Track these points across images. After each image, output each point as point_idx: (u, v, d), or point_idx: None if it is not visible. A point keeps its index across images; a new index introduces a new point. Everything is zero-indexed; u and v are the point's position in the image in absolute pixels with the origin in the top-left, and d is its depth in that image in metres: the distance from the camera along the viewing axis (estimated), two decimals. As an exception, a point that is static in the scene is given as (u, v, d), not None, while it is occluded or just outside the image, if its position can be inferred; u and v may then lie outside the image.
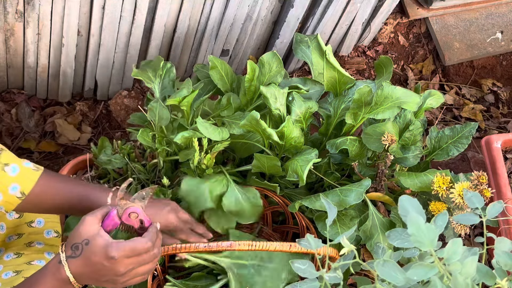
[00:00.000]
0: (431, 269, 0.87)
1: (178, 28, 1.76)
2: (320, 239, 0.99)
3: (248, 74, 1.45)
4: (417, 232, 0.86)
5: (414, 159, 1.47)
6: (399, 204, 0.93)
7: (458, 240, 0.89)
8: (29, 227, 1.42)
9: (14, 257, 1.36)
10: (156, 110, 1.41)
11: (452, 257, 0.88)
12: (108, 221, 1.11)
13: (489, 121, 2.22)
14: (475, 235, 1.94)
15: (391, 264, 0.88)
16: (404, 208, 0.93)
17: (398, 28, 2.28)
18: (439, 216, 0.95)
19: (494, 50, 2.31)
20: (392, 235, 0.96)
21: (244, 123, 1.35)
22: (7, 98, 1.88)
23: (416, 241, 0.86)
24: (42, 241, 1.43)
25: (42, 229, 1.44)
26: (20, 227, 1.42)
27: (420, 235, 0.86)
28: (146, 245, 1.10)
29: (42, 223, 1.44)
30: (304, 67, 2.16)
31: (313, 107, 1.47)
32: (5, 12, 1.56)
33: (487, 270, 0.96)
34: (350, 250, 0.92)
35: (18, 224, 1.42)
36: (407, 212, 0.92)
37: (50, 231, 1.45)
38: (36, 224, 1.43)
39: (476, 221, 1.08)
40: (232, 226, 1.42)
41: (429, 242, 0.86)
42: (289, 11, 1.85)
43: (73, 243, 1.09)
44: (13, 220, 1.41)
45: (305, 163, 1.35)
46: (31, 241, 1.41)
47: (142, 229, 1.14)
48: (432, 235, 0.87)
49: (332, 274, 0.92)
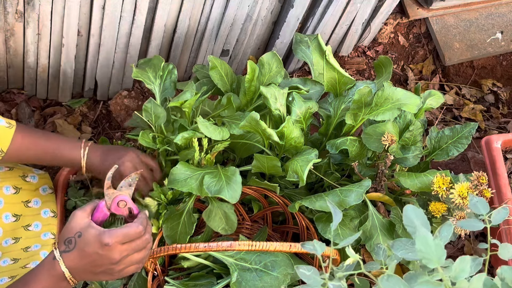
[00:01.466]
0: (438, 287, 0.85)
1: (178, 28, 1.76)
2: (320, 239, 0.99)
3: (248, 74, 1.45)
4: (425, 248, 0.84)
5: (414, 159, 1.47)
6: (404, 214, 0.91)
7: (466, 258, 0.87)
8: (26, 230, 1.42)
9: (11, 263, 1.36)
10: (151, 110, 1.41)
11: (460, 275, 0.86)
12: (98, 213, 1.13)
13: (489, 121, 2.22)
14: (475, 234, 1.94)
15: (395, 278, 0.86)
16: (409, 218, 0.91)
17: (398, 28, 2.28)
18: (444, 227, 0.93)
19: (494, 50, 2.31)
20: (396, 245, 0.94)
21: (243, 123, 1.35)
22: (7, 98, 1.88)
23: (423, 257, 0.84)
24: (39, 243, 1.43)
25: (39, 233, 1.44)
26: (16, 231, 1.41)
27: (428, 252, 0.84)
28: (138, 229, 1.12)
29: (39, 226, 1.44)
30: (304, 67, 2.16)
31: (313, 107, 1.47)
32: (5, 12, 1.56)
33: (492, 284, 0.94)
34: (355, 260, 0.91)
35: (15, 227, 1.41)
36: (412, 223, 0.89)
37: (47, 234, 1.45)
38: (33, 228, 1.43)
39: (480, 227, 1.05)
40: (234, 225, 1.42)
41: (437, 260, 0.84)
42: (289, 11, 1.85)
43: (66, 238, 1.11)
44: (9, 224, 1.40)
45: (305, 163, 1.35)
46: (28, 245, 1.41)
47: (131, 217, 1.17)
48: (440, 252, 0.84)
49: (337, 283, 0.91)
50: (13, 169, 1.45)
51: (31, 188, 1.47)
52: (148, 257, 1.24)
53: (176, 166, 1.33)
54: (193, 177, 1.33)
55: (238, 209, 1.60)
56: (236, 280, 1.28)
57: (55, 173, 1.73)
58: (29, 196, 1.46)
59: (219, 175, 1.33)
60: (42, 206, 1.47)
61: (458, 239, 1.89)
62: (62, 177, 1.60)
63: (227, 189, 1.30)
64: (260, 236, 1.56)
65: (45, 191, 1.51)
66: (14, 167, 1.46)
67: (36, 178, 1.50)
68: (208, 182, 1.31)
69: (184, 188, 1.31)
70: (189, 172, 1.34)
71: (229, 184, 1.31)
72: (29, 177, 1.48)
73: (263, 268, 1.30)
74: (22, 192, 1.44)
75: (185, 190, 1.31)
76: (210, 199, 1.41)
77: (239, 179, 1.32)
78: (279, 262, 1.31)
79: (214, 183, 1.31)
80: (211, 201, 1.41)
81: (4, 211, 1.39)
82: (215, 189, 1.31)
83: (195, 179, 1.33)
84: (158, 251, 1.23)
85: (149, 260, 1.29)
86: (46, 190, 1.51)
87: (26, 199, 1.44)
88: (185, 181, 1.32)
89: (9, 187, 1.41)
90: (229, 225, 1.41)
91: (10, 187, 1.41)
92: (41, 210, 1.47)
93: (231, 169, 1.35)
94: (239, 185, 1.31)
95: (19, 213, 1.42)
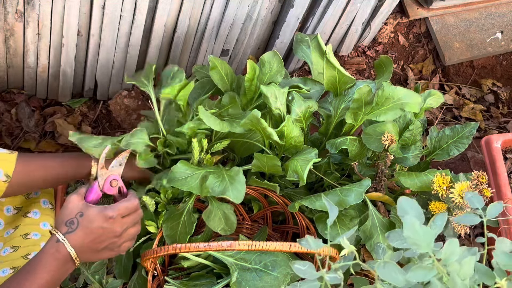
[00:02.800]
0: (430, 271, 0.87)
1: (178, 28, 1.76)
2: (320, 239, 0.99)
3: (248, 73, 1.45)
4: (413, 234, 0.86)
5: (414, 159, 1.47)
6: (397, 205, 0.93)
7: (455, 241, 0.89)
8: (24, 217, 1.42)
9: (11, 251, 1.36)
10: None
11: (449, 258, 0.88)
12: (91, 194, 1.21)
13: (489, 121, 2.22)
14: (475, 234, 1.94)
15: (392, 265, 0.88)
16: (402, 209, 0.92)
17: (398, 28, 2.28)
18: (438, 217, 0.95)
19: (494, 50, 2.31)
20: (392, 236, 0.96)
21: (244, 121, 1.35)
22: (7, 98, 1.88)
23: (413, 243, 0.86)
24: (38, 232, 1.43)
25: (38, 221, 1.44)
26: (16, 219, 1.42)
27: (416, 238, 0.86)
28: (135, 202, 1.22)
29: (38, 214, 1.45)
30: (304, 67, 2.16)
31: (313, 106, 1.46)
32: (5, 12, 1.56)
33: (486, 270, 0.96)
34: (350, 251, 0.92)
35: (16, 218, 1.42)
36: (405, 213, 0.92)
37: (46, 224, 1.45)
38: (32, 215, 1.43)
39: (476, 221, 1.07)
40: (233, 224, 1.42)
41: (426, 245, 0.86)
42: (289, 11, 1.85)
43: (66, 220, 1.16)
44: (11, 216, 1.41)
45: (305, 162, 1.35)
46: (27, 232, 1.41)
47: (121, 196, 1.25)
48: (429, 238, 0.86)
49: (333, 275, 0.91)
50: None
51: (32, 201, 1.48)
52: (148, 257, 1.25)
53: (177, 165, 1.33)
54: (193, 176, 1.33)
55: (238, 209, 1.60)
56: (236, 280, 1.28)
57: (55, 173, 1.73)
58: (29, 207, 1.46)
59: (223, 175, 1.33)
60: (42, 196, 1.48)
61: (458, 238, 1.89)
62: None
63: (231, 189, 1.30)
64: (260, 236, 1.56)
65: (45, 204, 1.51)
66: None
67: None
68: (212, 182, 1.31)
69: (184, 187, 1.31)
70: (189, 172, 1.34)
71: (233, 184, 1.30)
72: None
73: (263, 268, 1.30)
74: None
75: (185, 189, 1.31)
76: (210, 199, 1.41)
77: (243, 179, 1.32)
78: (279, 262, 1.30)
79: (218, 184, 1.31)
80: (211, 201, 1.41)
81: (5, 204, 1.40)
82: (219, 189, 1.30)
83: (195, 178, 1.33)
84: (158, 251, 1.23)
85: (149, 260, 1.29)
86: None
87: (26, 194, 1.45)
88: (185, 180, 1.32)
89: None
90: (228, 226, 1.41)
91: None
92: (41, 199, 1.47)
93: (234, 169, 1.34)
94: (243, 185, 1.30)
95: (20, 205, 1.43)
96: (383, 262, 0.88)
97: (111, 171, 1.24)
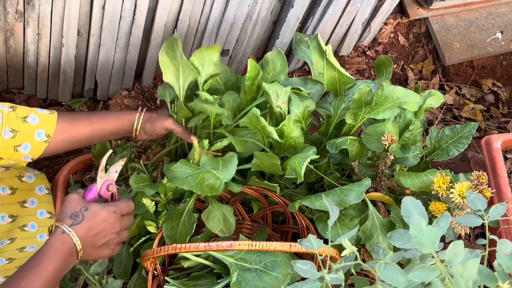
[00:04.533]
0: (433, 272, 0.86)
1: (178, 28, 1.76)
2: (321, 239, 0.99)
3: (248, 72, 1.45)
4: (419, 234, 0.86)
5: (414, 159, 1.47)
6: (402, 205, 0.93)
7: (459, 243, 0.88)
8: (22, 231, 1.42)
9: (6, 262, 1.36)
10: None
11: (453, 259, 0.87)
12: (90, 195, 1.25)
13: (489, 121, 2.22)
14: (475, 234, 1.94)
15: (393, 266, 0.88)
16: (406, 209, 0.92)
17: (398, 28, 2.28)
18: (442, 218, 0.95)
19: (494, 50, 2.31)
20: (394, 236, 0.96)
21: (244, 120, 1.36)
22: (7, 98, 1.87)
23: (417, 243, 0.86)
24: (34, 244, 1.43)
25: (35, 233, 1.44)
26: (13, 231, 1.41)
27: (422, 237, 0.86)
28: (132, 204, 1.28)
29: (35, 227, 1.44)
30: (304, 67, 2.16)
31: (311, 105, 1.46)
32: (5, 12, 1.56)
33: (489, 272, 0.96)
34: (351, 251, 0.92)
35: (11, 228, 1.41)
36: (409, 213, 0.91)
37: (43, 235, 1.45)
38: (29, 228, 1.43)
39: (478, 223, 1.07)
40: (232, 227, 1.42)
41: (430, 244, 0.86)
42: (289, 11, 1.85)
43: (71, 213, 1.19)
44: (6, 225, 1.40)
45: (302, 159, 1.36)
46: (24, 246, 1.41)
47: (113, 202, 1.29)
48: (434, 237, 0.86)
49: (334, 275, 0.91)
50: (9, 169, 1.45)
51: (27, 188, 1.47)
52: (148, 257, 1.25)
53: (177, 164, 1.35)
54: (194, 175, 1.34)
55: (238, 209, 1.60)
56: (236, 280, 1.28)
57: (54, 173, 1.73)
58: (25, 196, 1.46)
59: (217, 160, 1.37)
60: (39, 207, 1.47)
61: (458, 238, 1.89)
62: (62, 177, 1.60)
63: (222, 168, 1.33)
64: (260, 236, 1.56)
65: (41, 191, 1.51)
66: (10, 168, 1.46)
67: (33, 178, 1.50)
68: (205, 162, 1.35)
69: (184, 186, 1.32)
70: (189, 171, 1.35)
71: (225, 165, 1.34)
72: (26, 177, 1.48)
73: (263, 268, 1.30)
74: (18, 192, 1.44)
75: (185, 188, 1.32)
76: (210, 199, 1.41)
77: (235, 162, 1.35)
78: (279, 262, 1.30)
79: (211, 163, 1.35)
80: (211, 202, 1.41)
81: (0, 212, 1.39)
82: (210, 167, 1.34)
83: (196, 177, 1.34)
84: (158, 251, 1.23)
85: (149, 260, 1.29)
86: (42, 190, 1.51)
87: (22, 200, 1.44)
88: (185, 179, 1.33)
89: (5, 188, 1.41)
90: (227, 228, 1.41)
91: (6, 188, 1.41)
92: (38, 210, 1.47)
93: (229, 154, 1.38)
94: (234, 167, 1.34)
95: (15, 214, 1.42)
96: (384, 263, 0.88)
97: (109, 176, 1.29)
